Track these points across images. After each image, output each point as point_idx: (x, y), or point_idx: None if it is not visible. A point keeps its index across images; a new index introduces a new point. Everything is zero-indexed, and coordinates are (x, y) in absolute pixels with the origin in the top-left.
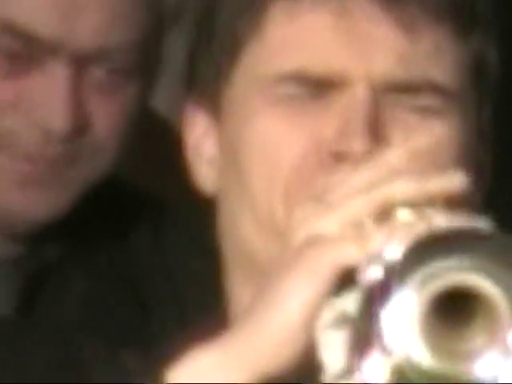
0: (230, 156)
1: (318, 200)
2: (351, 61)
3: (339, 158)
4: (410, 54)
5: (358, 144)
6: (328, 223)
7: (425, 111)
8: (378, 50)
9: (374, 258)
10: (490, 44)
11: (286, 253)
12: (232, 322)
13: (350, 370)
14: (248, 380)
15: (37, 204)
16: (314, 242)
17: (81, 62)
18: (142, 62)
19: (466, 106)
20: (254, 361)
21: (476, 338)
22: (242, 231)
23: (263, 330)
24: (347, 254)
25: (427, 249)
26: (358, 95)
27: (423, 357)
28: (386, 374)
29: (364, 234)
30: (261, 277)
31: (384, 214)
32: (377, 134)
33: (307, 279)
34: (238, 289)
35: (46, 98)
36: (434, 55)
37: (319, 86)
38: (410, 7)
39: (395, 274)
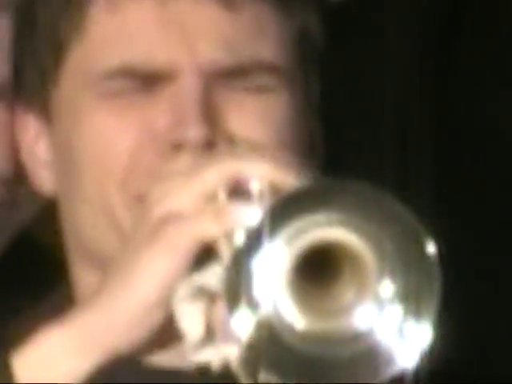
0: (65, 156)
1: (170, 178)
2: (176, 52)
3: (177, 146)
4: (233, 36)
5: (193, 131)
6: (181, 199)
7: (257, 90)
8: (202, 37)
9: (236, 222)
10: (312, 16)
11: (141, 230)
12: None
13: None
14: (100, 358)
15: None
16: (169, 218)
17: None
18: None
19: (294, 80)
20: (107, 339)
21: (346, 293)
22: (81, 226)
23: (118, 306)
24: (203, 228)
25: (294, 205)
26: (186, 84)
27: (292, 314)
28: (252, 329)
29: (219, 207)
30: (103, 264)
31: (236, 188)
32: (212, 118)
33: (164, 255)
34: (83, 275)
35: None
36: (257, 34)
37: (147, 80)
38: None
39: (261, 234)
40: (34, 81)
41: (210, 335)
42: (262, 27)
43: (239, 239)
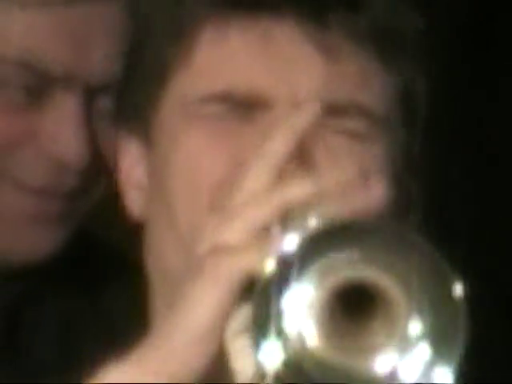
0: (157, 180)
1: (221, 210)
2: (275, 82)
3: None
4: (334, 76)
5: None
6: (231, 232)
7: (350, 134)
8: (302, 73)
9: (272, 253)
10: (419, 71)
11: (195, 261)
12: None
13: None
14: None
15: (44, 241)
16: (217, 250)
17: (89, 94)
18: None
19: (391, 131)
20: (164, 367)
21: (375, 331)
22: (165, 253)
23: (173, 336)
24: (249, 261)
25: (323, 241)
26: (282, 117)
27: (318, 346)
28: (280, 359)
29: (267, 239)
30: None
31: (286, 218)
32: (300, 155)
33: (212, 287)
34: (163, 308)
35: (59, 131)
36: (359, 78)
37: (244, 106)
38: (332, 33)
39: (292, 265)
40: (138, 105)
41: (261, 376)
42: (363, 74)
43: (270, 269)
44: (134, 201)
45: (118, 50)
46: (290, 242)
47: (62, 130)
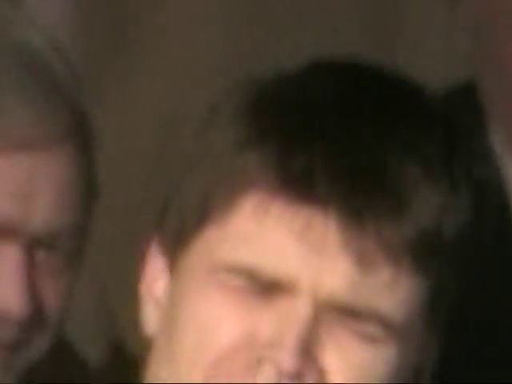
0: (170, 316)
1: None
2: (302, 270)
3: (264, 363)
4: (360, 283)
5: (284, 359)
6: None
7: (364, 337)
8: (331, 270)
9: None
10: (450, 272)
11: None
12: None
13: None
14: None
15: None
16: None
17: (32, 245)
18: (81, 243)
19: (410, 336)
20: None
21: None
22: None
23: None
24: None
25: None
26: (299, 306)
27: None
28: None
29: None
30: None
31: None
32: (309, 352)
33: None
34: None
35: (1, 283)
36: (385, 289)
37: (267, 286)
38: (368, 243)
39: None
40: (172, 226)
41: None
42: (391, 285)
43: None
44: (150, 316)
45: (66, 202)
46: None
47: (3, 282)
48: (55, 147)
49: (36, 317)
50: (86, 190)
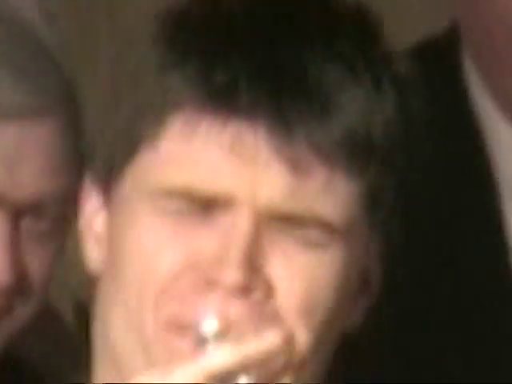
0: (113, 249)
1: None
2: (238, 184)
3: (211, 284)
4: (297, 189)
5: (230, 275)
6: None
7: (309, 244)
8: (266, 180)
9: None
10: (388, 172)
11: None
12: None
13: None
14: None
15: None
16: None
17: (18, 213)
18: (68, 210)
19: (353, 239)
20: None
21: None
22: (112, 330)
23: None
24: None
25: None
26: (239, 220)
27: None
28: None
29: None
30: (122, 372)
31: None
32: (254, 262)
33: None
34: (102, 374)
35: None
36: (322, 192)
37: (205, 204)
38: (299, 148)
39: None
40: (103, 161)
41: None
42: (328, 187)
43: None
44: (92, 252)
45: (52, 170)
46: None
47: None
48: (43, 117)
49: (20, 284)
50: (74, 159)
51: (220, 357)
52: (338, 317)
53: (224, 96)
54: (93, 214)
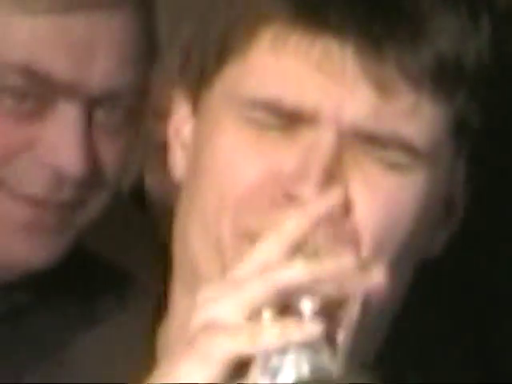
0: (196, 156)
1: (222, 280)
2: (324, 101)
3: (290, 199)
4: (382, 110)
5: (309, 190)
6: (225, 309)
7: (390, 165)
8: (352, 98)
9: (262, 363)
10: (474, 100)
11: (185, 335)
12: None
13: None
14: None
15: (41, 250)
16: (208, 328)
17: (91, 105)
18: (141, 102)
19: (436, 164)
20: None
21: None
22: (190, 241)
23: None
24: (238, 347)
25: None
26: (323, 136)
27: None
28: None
29: (258, 326)
30: (196, 285)
31: (282, 303)
32: (333, 181)
33: (200, 366)
34: (178, 298)
35: (59, 141)
36: (407, 115)
37: (290, 119)
38: (389, 70)
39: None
40: (194, 72)
41: None
42: (414, 111)
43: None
44: (178, 160)
45: (126, 61)
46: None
47: (61, 140)
48: (115, 6)
49: (94, 175)
50: (146, 49)
51: (291, 271)
52: (417, 242)
53: (315, 12)
54: (181, 121)
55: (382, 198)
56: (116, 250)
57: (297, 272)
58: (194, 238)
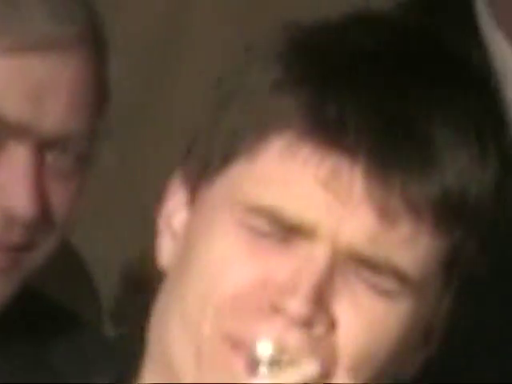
0: (186, 250)
1: None
2: (324, 216)
3: (276, 310)
4: (381, 236)
5: (296, 306)
6: None
7: (380, 291)
8: (352, 219)
9: None
10: (472, 236)
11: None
12: None
13: None
14: None
15: None
16: None
17: (43, 147)
18: (91, 147)
19: (425, 294)
20: None
21: None
22: (167, 333)
23: None
24: None
25: None
26: (318, 252)
27: None
28: None
29: None
30: (171, 379)
31: None
32: (321, 299)
33: None
34: (147, 374)
35: (9, 182)
36: (405, 244)
37: (288, 230)
38: (392, 196)
39: None
40: (196, 162)
41: None
42: (412, 241)
43: None
44: (166, 248)
45: (79, 105)
46: None
47: (11, 181)
48: (70, 49)
49: (43, 219)
50: (98, 95)
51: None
52: (394, 366)
53: (330, 128)
54: (175, 210)
55: (366, 321)
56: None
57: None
58: (171, 331)
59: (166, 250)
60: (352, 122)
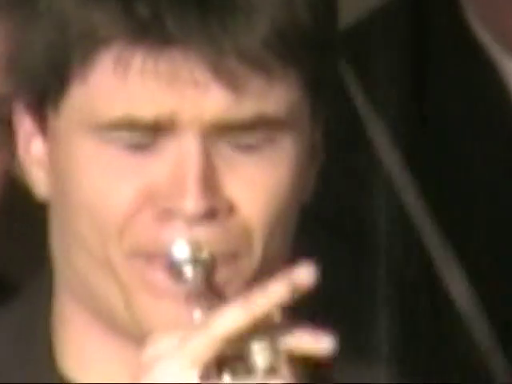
0: (59, 180)
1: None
2: (179, 104)
3: (172, 215)
4: (238, 98)
5: (190, 204)
6: (175, 367)
7: (259, 147)
8: (207, 100)
9: None
10: (324, 60)
11: None
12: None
13: None
14: None
15: None
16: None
17: None
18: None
19: (299, 126)
20: None
21: None
22: (74, 261)
23: None
24: None
25: None
26: (188, 144)
27: None
28: None
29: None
30: (94, 305)
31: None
32: (211, 185)
33: None
34: (68, 312)
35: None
36: (263, 94)
37: (149, 131)
38: (231, 61)
39: None
40: (34, 92)
41: None
42: (268, 89)
43: None
44: (37, 178)
45: None
46: None
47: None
48: None
49: None
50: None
51: (230, 318)
52: (296, 197)
53: (151, 28)
54: (28, 138)
55: (261, 190)
56: None
57: (235, 315)
58: (77, 259)
59: (37, 180)
60: (167, 13)
